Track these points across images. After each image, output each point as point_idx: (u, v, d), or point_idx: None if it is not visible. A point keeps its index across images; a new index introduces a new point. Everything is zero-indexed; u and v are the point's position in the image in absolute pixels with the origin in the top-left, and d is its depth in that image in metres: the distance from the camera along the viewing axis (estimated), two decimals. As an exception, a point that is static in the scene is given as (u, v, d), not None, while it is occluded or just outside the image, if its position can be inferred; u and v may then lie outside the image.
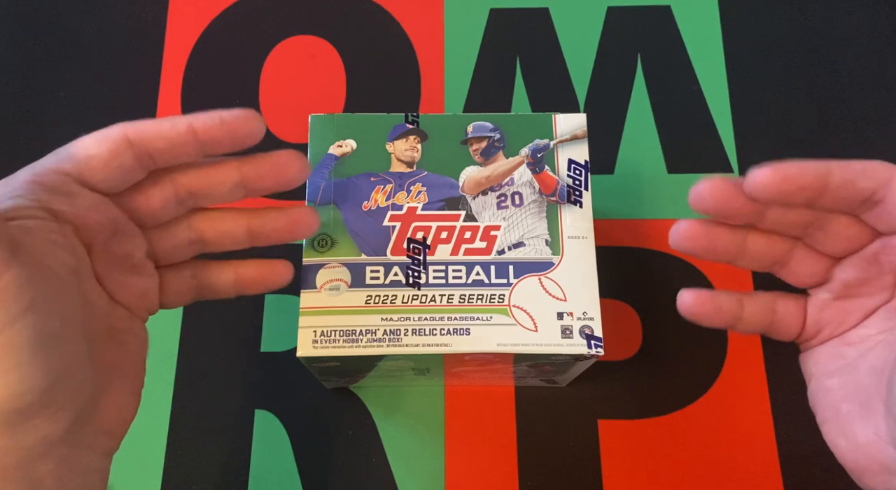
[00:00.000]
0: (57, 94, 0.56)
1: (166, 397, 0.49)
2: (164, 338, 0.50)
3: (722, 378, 0.49)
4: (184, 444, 0.48)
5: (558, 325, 0.37)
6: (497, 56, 0.57)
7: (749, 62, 0.57)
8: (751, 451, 0.48)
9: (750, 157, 0.54)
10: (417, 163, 0.40)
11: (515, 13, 0.58)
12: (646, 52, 0.57)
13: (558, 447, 0.48)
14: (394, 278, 0.38)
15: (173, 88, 0.56)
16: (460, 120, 0.41)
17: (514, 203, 0.39)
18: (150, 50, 0.57)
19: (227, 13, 0.58)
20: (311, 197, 0.39)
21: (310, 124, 0.41)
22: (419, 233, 0.39)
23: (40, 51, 0.57)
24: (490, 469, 0.47)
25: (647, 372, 0.49)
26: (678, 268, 0.52)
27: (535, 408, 0.49)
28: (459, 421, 0.48)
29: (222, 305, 0.51)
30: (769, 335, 0.35)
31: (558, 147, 0.40)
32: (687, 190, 0.53)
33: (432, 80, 0.56)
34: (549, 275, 0.38)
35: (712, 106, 0.55)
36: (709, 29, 0.58)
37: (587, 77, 0.56)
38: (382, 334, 0.37)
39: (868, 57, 0.57)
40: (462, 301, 0.38)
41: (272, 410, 0.49)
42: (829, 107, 0.55)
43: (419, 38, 0.58)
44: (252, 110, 0.33)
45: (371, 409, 0.49)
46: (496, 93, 0.56)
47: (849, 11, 0.58)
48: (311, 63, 0.57)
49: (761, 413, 0.48)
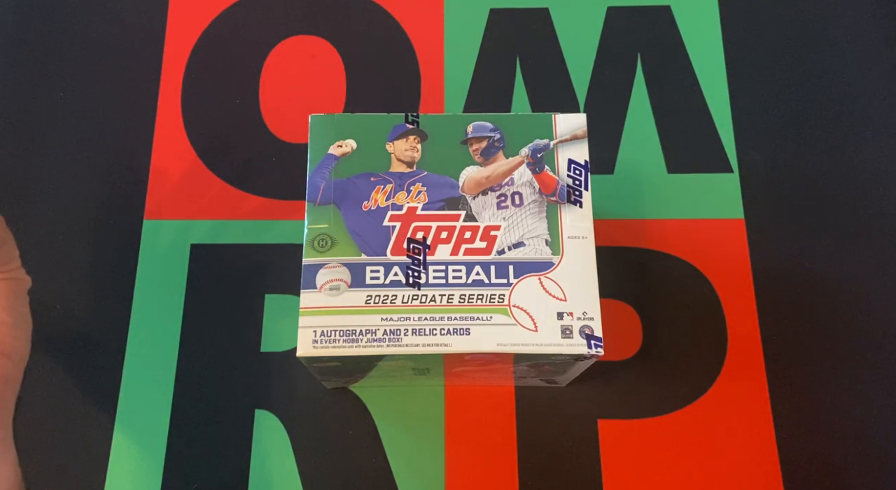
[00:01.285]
0: (56, 94, 0.56)
1: (166, 397, 0.49)
2: (164, 338, 0.50)
3: (722, 378, 0.49)
4: (184, 444, 0.48)
5: (558, 324, 0.37)
6: (497, 56, 0.57)
7: (749, 62, 0.57)
8: (751, 451, 0.48)
9: (750, 157, 0.54)
10: (417, 163, 0.40)
11: (515, 13, 0.58)
12: (646, 52, 0.57)
13: (558, 447, 0.48)
14: (394, 278, 0.38)
15: (173, 88, 0.56)
16: (460, 120, 0.41)
17: (514, 203, 0.39)
18: (150, 50, 0.57)
19: (227, 13, 0.58)
20: (311, 197, 0.39)
21: (310, 124, 0.41)
22: (419, 233, 0.39)
23: (40, 51, 0.57)
24: (490, 469, 0.47)
25: (647, 372, 0.49)
26: (678, 268, 0.52)
27: (535, 408, 0.49)
28: (459, 421, 0.48)
29: (222, 305, 0.51)
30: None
31: (558, 147, 0.40)
32: (687, 190, 0.53)
33: (432, 80, 0.56)
34: (549, 275, 0.38)
35: (712, 106, 0.55)
36: (709, 29, 0.58)
37: (587, 77, 0.56)
38: (382, 334, 0.37)
39: (867, 57, 0.57)
40: (462, 301, 0.38)
41: (272, 410, 0.49)
42: (828, 106, 0.55)
43: (419, 38, 0.58)
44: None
45: (371, 409, 0.49)
46: (496, 93, 0.56)
47: (848, 12, 0.58)
48: (311, 63, 0.57)
49: (761, 413, 0.48)
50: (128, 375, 0.49)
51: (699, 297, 0.51)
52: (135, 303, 0.51)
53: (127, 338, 0.50)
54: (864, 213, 0.53)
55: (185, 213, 0.53)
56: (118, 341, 0.50)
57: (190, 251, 0.52)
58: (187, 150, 0.55)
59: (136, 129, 0.55)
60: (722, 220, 0.53)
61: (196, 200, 0.53)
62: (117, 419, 0.48)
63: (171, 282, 0.51)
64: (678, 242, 0.52)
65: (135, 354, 0.50)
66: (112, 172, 0.54)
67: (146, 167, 0.54)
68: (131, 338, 0.50)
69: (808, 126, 0.55)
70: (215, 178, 0.54)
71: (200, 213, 0.53)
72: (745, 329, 0.50)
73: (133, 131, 0.55)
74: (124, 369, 0.49)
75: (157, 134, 0.55)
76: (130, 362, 0.50)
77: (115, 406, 0.49)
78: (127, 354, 0.50)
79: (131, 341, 0.50)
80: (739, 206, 0.53)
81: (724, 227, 0.52)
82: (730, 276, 0.51)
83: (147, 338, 0.50)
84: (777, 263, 0.52)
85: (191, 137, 0.55)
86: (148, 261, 0.52)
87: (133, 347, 0.50)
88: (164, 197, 0.53)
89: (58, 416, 0.48)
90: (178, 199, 0.53)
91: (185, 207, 0.53)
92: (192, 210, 0.53)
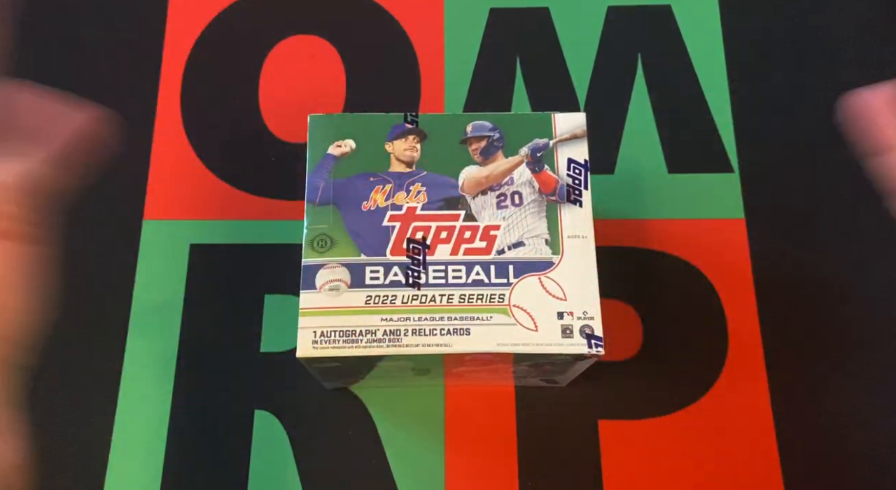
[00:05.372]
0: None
1: (166, 397, 0.49)
2: (164, 338, 0.50)
3: (722, 378, 0.49)
4: (184, 444, 0.48)
5: (558, 324, 0.37)
6: (497, 56, 0.57)
7: (749, 62, 0.57)
8: (751, 451, 0.48)
9: (750, 157, 0.54)
10: (417, 163, 0.40)
11: (515, 13, 0.58)
12: (646, 52, 0.57)
13: (558, 447, 0.48)
14: (394, 278, 0.38)
15: (173, 88, 0.56)
16: (460, 120, 0.41)
17: (514, 203, 0.39)
18: (150, 50, 0.57)
19: (227, 13, 0.58)
20: (311, 197, 0.39)
21: (309, 124, 0.41)
22: (419, 233, 0.39)
23: (40, 50, 0.57)
24: (490, 469, 0.47)
25: (647, 372, 0.49)
26: (678, 268, 0.51)
27: (535, 408, 0.49)
28: (459, 421, 0.48)
29: (222, 305, 0.51)
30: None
31: (558, 146, 0.40)
32: (687, 190, 0.53)
33: (432, 80, 0.56)
34: (549, 274, 0.38)
35: (712, 106, 0.55)
36: (709, 29, 0.58)
37: (587, 77, 0.56)
38: (382, 334, 0.37)
39: (867, 56, 0.56)
40: (462, 301, 0.38)
41: (272, 410, 0.49)
42: (828, 106, 0.55)
43: (419, 38, 0.58)
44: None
45: (371, 409, 0.49)
46: (496, 93, 0.56)
47: (848, 11, 0.58)
48: (311, 63, 0.57)
49: (761, 413, 0.48)
50: (127, 375, 0.49)
51: (699, 297, 0.51)
52: (135, 303, 0.51)
53: (127, 338, 0.50)
54: (864, 213, 0.53)
55: (185, 213, 0.53)
56: (118, 341, 0.50)
57: (190, 251, 0.52)
58: (187, 150, 0.55)
59: (136, 128, 0.55)
60: (722, 220, 0.53)
61: (196, 200, 0.53)
62: (117, 419, 0.48)
63: (171, 282, 0.51)
64: (678, 242, 0.52)
65: (134, 354, 0.50)
66: (112, 172, 0.54)
67: (146, 167, 0.54)
68: (131, 338, 0.50)
69: (808, 126, 0.55)
70: (215, 179, 0.54)
71: (200, 213, 0.53)
72: (746, 329, 0.50)
73: (133, 131, 0.55)
74: (124, 369, 0.49)
75: (157, 134, 0.55)
76: (130, 362, 0.50)
77: (114, 406, 0.49)
78: (127, 354, 0.50)
79: (131, 341, 0.50)
80: (740, 206, 0.53)
81: (724, 227, 0.52)
82: (730, 276, 0.51)
83: (147, 338, 0.50)
84: (777, 263, 0.51)
85: (191, 137, 0.55)
86: (148, 261, 0.52)
87: (133, 347, 0.50)
88: (164, 197, 0.53)
89: (57, 415, 0.48)
90: (178, 199, 0.53)
91: (185, 207, 0.53)
92: (192, 210, 0.53)
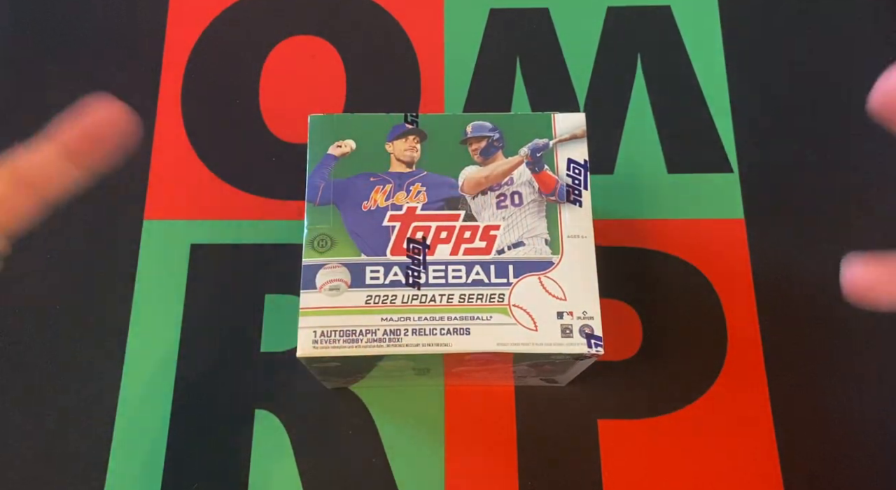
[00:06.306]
0: (56, 94, 0.56)
1: (166, 397, 0.49)
2: (164, 338, 0.50)
3: (722, 378, 0.49)
4: (184, 444, 0.48)
5: (558, 324, 0.37)
6: (497, 56, 0.57)
7: (749, 62, 0.57)
8: (751, 451, 0.48)
9: (750, 157, 0.54)
10: (417, 163, 0.40)
11: (515, 13, 0.58)
12: (646, 52, 0.57)
13: (558, 447, 0.48)
14: (394, 278, 0.38)
15: (173, 88, 0.56)
16: (460, 120, 0.41)
17: (514, 202, 0.39)
18: (150, 50, 0.57)
19: (227, 13, 0.59)
20: (311, 197, 0.39)
21: (309, 124, 0.41)
22: (419, 233, 0.39)
23: (39, 50, 0.57)
24: (490, 469, 0.47)
25: (647, 372, 0.49)
26: (678, 268, 0.52)
27: (535, 408, 0.49)
28: (459, 421, 0.48)
29: (222, 305, 0.51)
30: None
31: (557, 146, 0.40)
32: (687, 190, 0.53)
33: (432, 80, 0.56)
34: (548, 274, 0.38)
35: (712, 106, 0.55)
36: (709, 29, 0.58)
37: (587, 77, 0.56)
38: (382, 334, 0.37)
39: (868, 56, 0.57)
40: (462, 301, 0.38)
41: (272, 410, 0.49)
42: (829, 106, 0.55)
43: (419, 38, 0.58)
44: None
45: (371, 409, 0.49)
46: (496, 93, 0.56)
47: (848, 11, 0.58)
48: (311, 63, 0.57)
49: (761, 413, 0.48)
50: (127, 375, 0.49)
51: (699, 297, 0.51)
52: (135, 303, 0.51)
53: (127, 338, 0.50)
54: (864, 213, 0.53)
55: (185, 213, 0.53)
56: (118, 341, 0.50)
57: (190, 251, 0.52)
58: (187, 150, 0.55)
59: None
60: (722, 220, 0.53)
61: (196, 200, 0.53)
62: (117, 419, 0.48)
63: (171, 282, 0.51)
64: (678, 242, 0.52)
65: (134, 354, 0.50)
66: (112, 172, 0.54)
67: (146, 167, 0.54)
68: (131, 338, 0.50)
69: (808, 126, 0.55)
70: (215, 178, 0.54)
71: (200, 213, 0.53)
72: (745, 329, 0.50)
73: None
74: (124, 369, 0.49)
75: (157, 134, 0.55)
76: (130, 362, 0.50)
77: (114, 406, 0.49)
78: (127, 354, 0.50)
79: (131, 341, 0.50)
80: (739, 206, 0.53)
81: (724, 227, 0.52)
82: (730, 276, 0.51)
83: (147, 337, 0.50)
84: (777, 263, 0.52)
85: (191, 137, 0.55)
86: (148, 261, 0.52)
87: (133, 347, 0.50)
88: (164, 197, 0.54)
89: (57, 415, 0.48)
90: (178, 199, 0.53)
91: (185, 207, 0.53)
92: (192, 210, 0.53)
